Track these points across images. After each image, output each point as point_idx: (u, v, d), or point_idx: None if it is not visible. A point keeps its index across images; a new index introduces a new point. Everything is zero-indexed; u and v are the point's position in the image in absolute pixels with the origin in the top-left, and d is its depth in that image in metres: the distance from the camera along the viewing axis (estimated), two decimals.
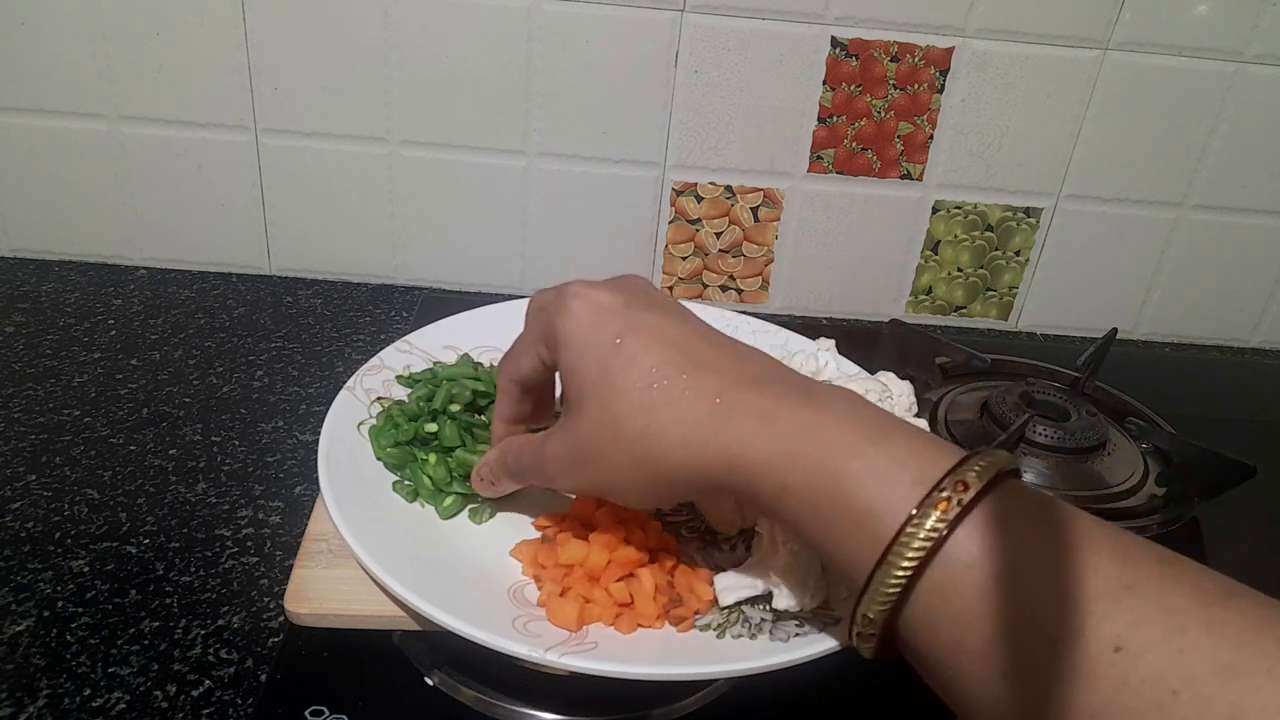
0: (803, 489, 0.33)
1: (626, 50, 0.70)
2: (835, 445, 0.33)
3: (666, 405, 0.36)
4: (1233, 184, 0.77)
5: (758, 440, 0.35)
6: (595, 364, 0.38)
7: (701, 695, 0.42)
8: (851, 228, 0.78)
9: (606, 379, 0.38)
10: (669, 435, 0.36)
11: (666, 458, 0.36)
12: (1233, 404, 0.77)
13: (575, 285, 0.41)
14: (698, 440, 0.35)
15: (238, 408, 0.61)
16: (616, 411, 0.37)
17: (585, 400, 0.38)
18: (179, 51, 0.69)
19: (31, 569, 0.48)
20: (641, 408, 0.37)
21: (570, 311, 0.40)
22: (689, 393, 0.36)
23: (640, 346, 0.38)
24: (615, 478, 0.38)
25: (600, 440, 0.38)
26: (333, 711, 0.41)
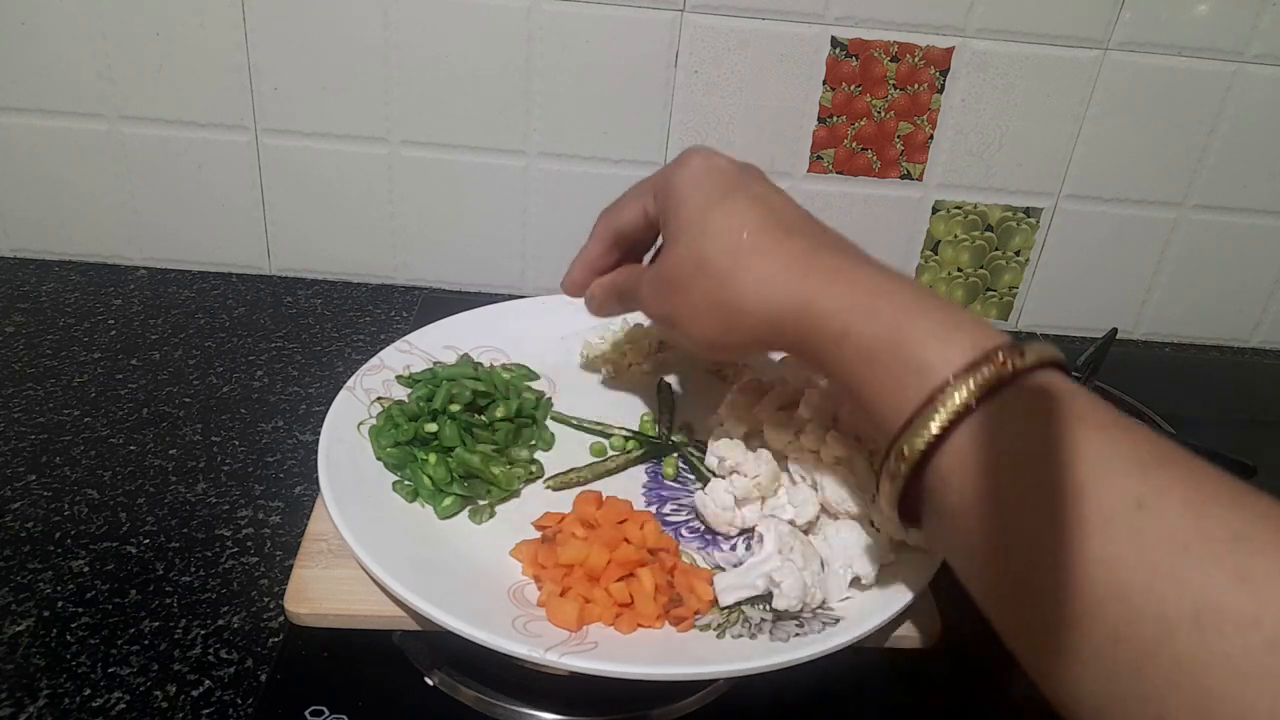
0: (864, 337, 0.36)
1: (626, 50, 0.70)
2: (902, 306, 0.36)
3: (753, 253, 0.40)
4: (1233, 184, 0.77)
5: (831, 289, 0.38)
6: (698, 208, 0.42)
7: (701, 695, 0.42)
8: (851, 228, 0.76)
9: (704, 220, 0.42)
10: (748, 277, 0.39)
11: (741, 298, 0.39)
12: (1233, 404, 0.77)
13: (698, 147, 0.45)
14: (774, 283, 0.39)
15: (238, 408, 0.61)
16: (707, 249, 0.41)
17: (682, 235, 0.42)
18: (179, 51, 0.69)
19: (31, 569, 0.48)
20: (729, 250, 0.40)
21: (688, 164, 0.44)
22: (776, 247, 0.40)
23: (743, 203, 0.42)
24: (690, 310, 0.42)
25: (686, 271, 0.42)
26: (333, 711, 0.41)
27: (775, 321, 0.39)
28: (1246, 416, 0.74)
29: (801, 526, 0.47)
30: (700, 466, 0.53)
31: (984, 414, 0.33)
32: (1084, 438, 0.31)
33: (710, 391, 0.60)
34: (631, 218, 0.48)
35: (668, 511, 0.50)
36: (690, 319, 0.42)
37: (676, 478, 0.53)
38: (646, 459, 0.54)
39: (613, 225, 0.49)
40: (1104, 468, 0.30)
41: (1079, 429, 0.31)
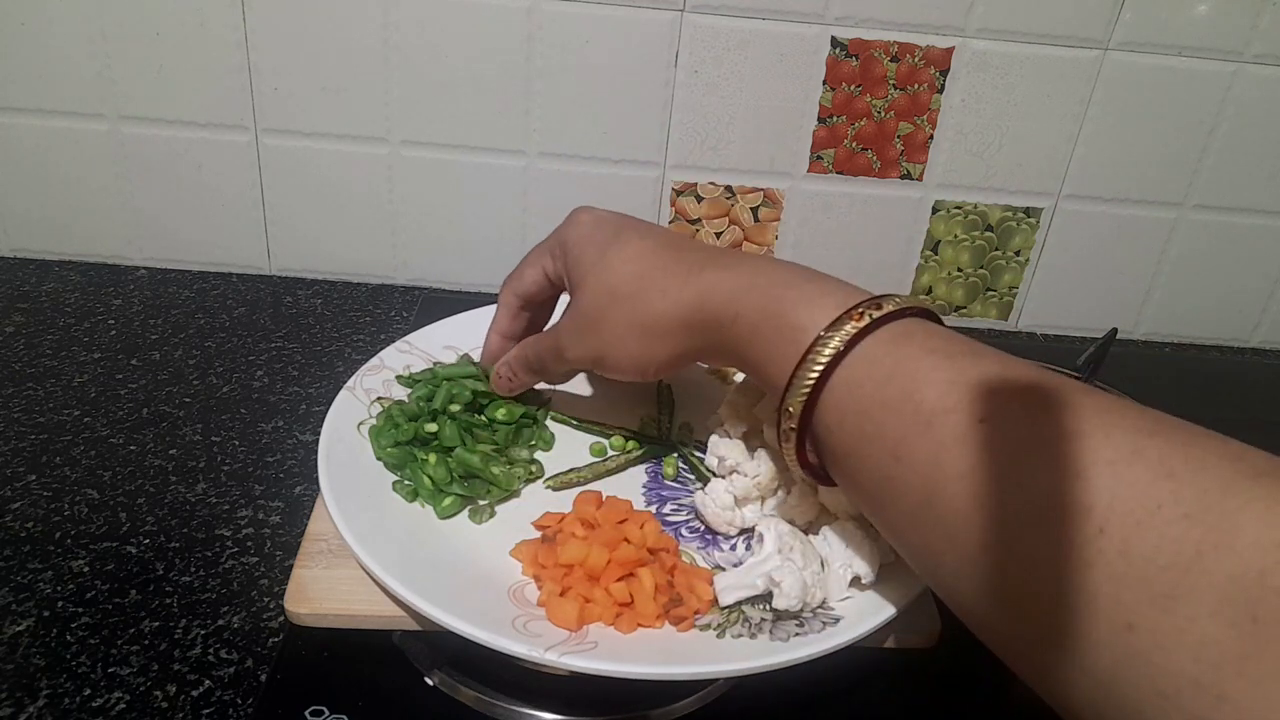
0: (750, 313, 0.41)
1: (626, 50, 0.70)
2: (778, 281, 0.41)
3: (653, 270, 0.44)
4: (1233, 184, 0.77)
5: (720, 282, 0.42)
6: (597, 250, 0.47)
7: (701, 695, 0.42)
8: (851, 228, 0.78)
9: (604, 259, 0.46)
10: (654, 290, 0.44)
11: (652, 309, 0.44)
12: (1233, 404, 0.77)
13: (582, 207, 0.50)
14: (677, 291, 0.43)
15: (238, 408, 0.61)
16: (613, 280, 0.45)
17: (586, 279, 0.46)
18: (179, 51, 0.69)
19: (31, 569, 0.48)
20: (633, 276, 0.45)
21: (577, 220, 0.49)
22: (672, 264, 0.44)
23: (634, 238, 0.46)
24: (612, 338, 0.45)
25: (600, 305, 0.45)
26: (333, 711, 0.41)
27: (685, 323, 0.43)
28: (1246, 416, 0.74)
29: (801, 526, 0.47)
30: (700, 466, 0.53)
31: (849, 363, 0.37)
32: (933, 367, 0.35)
33: (710, 391, 0.60)
34: (533, 278, 0.52)
35: (668, 511, 0.50)
36: (615, 346, 0.45)
37: (676, 478, 0.53)
38: (646, 459, 0.54)
39: (516, 290, 0.53)
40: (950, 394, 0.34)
41: (928, 360, 0.35)
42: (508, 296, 0.53)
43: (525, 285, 0.52)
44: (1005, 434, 0.32)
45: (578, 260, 0.48)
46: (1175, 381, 0.79)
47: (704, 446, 0.53)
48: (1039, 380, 0.34)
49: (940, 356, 0.36)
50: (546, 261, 0.51)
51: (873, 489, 0.37)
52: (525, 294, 0.53)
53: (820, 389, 0.37)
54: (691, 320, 0.43)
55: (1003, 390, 0.34)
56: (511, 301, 0.53)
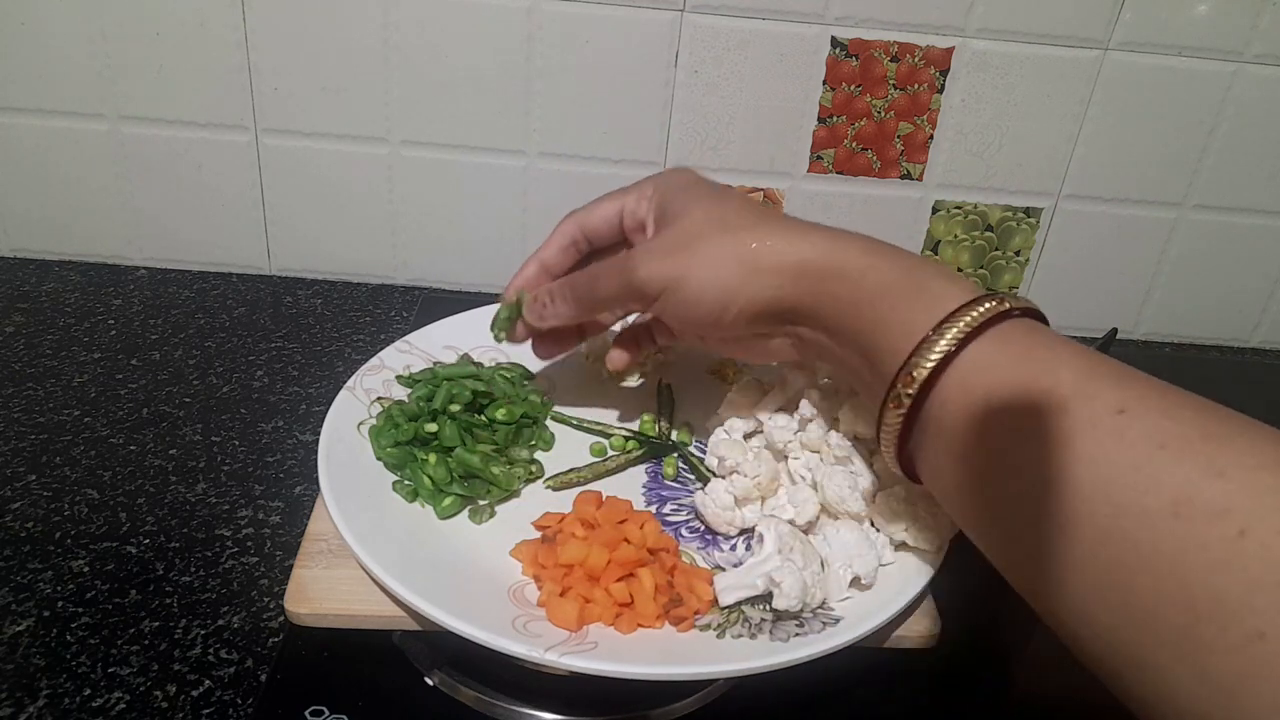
0: (884, 272, 0.40)
1: (626, 50, 0.70)
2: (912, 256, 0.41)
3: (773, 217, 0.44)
4: (1233, 184, 0.77)
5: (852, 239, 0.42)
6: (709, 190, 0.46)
7: (701, 695, 0.42)
8: (851, 228, 0.77)
9: (720, 196, 0.45)
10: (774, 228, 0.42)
11: (766, 242, 0.42)
12: (1233, 404, 0.77)
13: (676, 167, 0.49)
14: (799, 233, 0.42)
15: (238, 408, 0.61)
16: (731, 209, 0.44)
17: (698, 205, 0.44)
18: (179, 51, 0.69)
19: (31, 569, 0.48)
20: (753, 212, 0.44)
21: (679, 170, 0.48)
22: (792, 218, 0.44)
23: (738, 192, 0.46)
24: (707, 259, 0.43)
25: (708, 227, 0.43)
26: (333, 711, 0.41)
27: (800, 265, 0.41)
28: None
29: (801, 526, 0.47)
30: (700, 466, 0.53)
31: (985, 341, 0.36)
32: (1069, 357, 0.35)
33: (710, 391, 0.60)
34: (605, 215, 0.48)
35: (668, 511, 0.50)
36: (706, 269, 0.42)
37: (676, 478, 0.53)
38: (646, 459, 0.54)
39: (582, 221, 0.49)
40: (1088, 382, 0.33)
41: (1064, 351, 0.35)
42: (568, 226, 0.50)
43: (594, 220, 0.49)
44: (1144, 427, 0.31)
45: (682, 195, 0.45)
46: (1175, 381, 0.79)
47: (704, 446, 0.53)
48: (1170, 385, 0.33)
49: (1075, 348, 0.35)
50: (629, 200, 0.48)
51: (984, 466, 0.35)
52: (591, 229, 0.49)
53: (952, 358, 0.36)
54: (811, 264, 0.41)
55: (1140, 386, 0.33)
56: (570, 232, 0.49)
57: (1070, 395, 0.33)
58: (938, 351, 0.36)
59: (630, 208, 0.47)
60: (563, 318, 0.49)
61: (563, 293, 0.48)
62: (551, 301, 0.48)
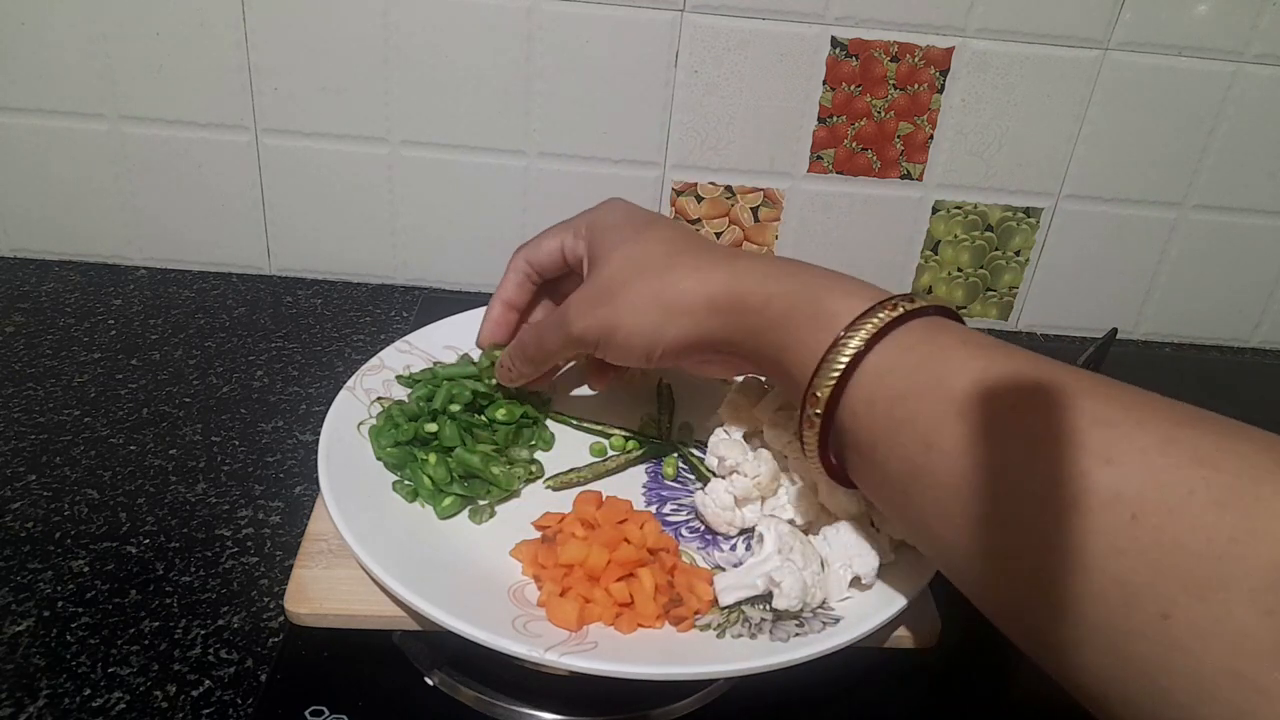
0: (782, 298, 0.41)
1: (626, 50, 0.70)
2: (813, 274, 0.42)
3: (685, 252, 0.45)
4: (1233, 184, 0.77)
5: (753, 269, 0.43)
6: (631, 228, 0.47)
7: (701, 695, 0.42)
8: (851, 228, 0.78)
9: (638, 235, 0.47)
10: (685, 267, 0.44)
11: (679, 283, 0.44)
12: (1233, 404, 0.76)
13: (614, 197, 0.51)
14: (709, 271, 0.43)
15: (238, 408, 0.61)
16: (643, 254, 0.45)
17: (613, 254, 0.46)
18: (179, 51, 0.69)
19: (31, 569, 0.48)
20: (665, 253, 0.45)
21: (611, 205, 0.50)
22: (705, 250, 0.45)
23: (668, 225, 0.48)
24: (629, 307, 0.45)
25: (624, 275, 0.45)
26: (333, 711, 0.41)
27: (711, 302, 0.43)
28: (1246, 416, 0.74)
29: (801, 526, 0.47)
30: (700, 466, 0.53)
31: (881, 349, 0.37)
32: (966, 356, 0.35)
33: (710, 391, 0.60)
34: (550, 249, 0.51)
35: (668, 511, 0.50)
36: (629, 317, 0.45)
37: (676, 478, 0.53)
38: (646, 459, 0.54)
39: (530, 258, 0.52)
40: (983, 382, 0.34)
41: (960, 350, 0.36)
42: (519, 263, 0.53)
43: (540, 255, 0.52)
44: (1037, 421, 0.32)
45: (606, 237, 0.47)
46: (1175, 381, 0.79)
47: (704, 446, 0.53)
48: (1071, 372, 0.34)
49: (973, 347, 0.36)
50: (568, 238, 0.50)
51: (900, 479, 0.36)
52: (539, 263, 0.52)
53: (851, 373, 0.37)
54: (718, 300, 0.43)
55: (1035, 380, 0.34)
56: (522, 268, 0.53)
57: (966, 398, 0.34)
58: (836, 368, 0.37)
59: (569, 244, 0.50)
60: (528, 375, 0.52)
61: (518, 355, 0.51)
62: (512, 365, 0.52)
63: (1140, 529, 0.28)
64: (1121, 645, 0.28)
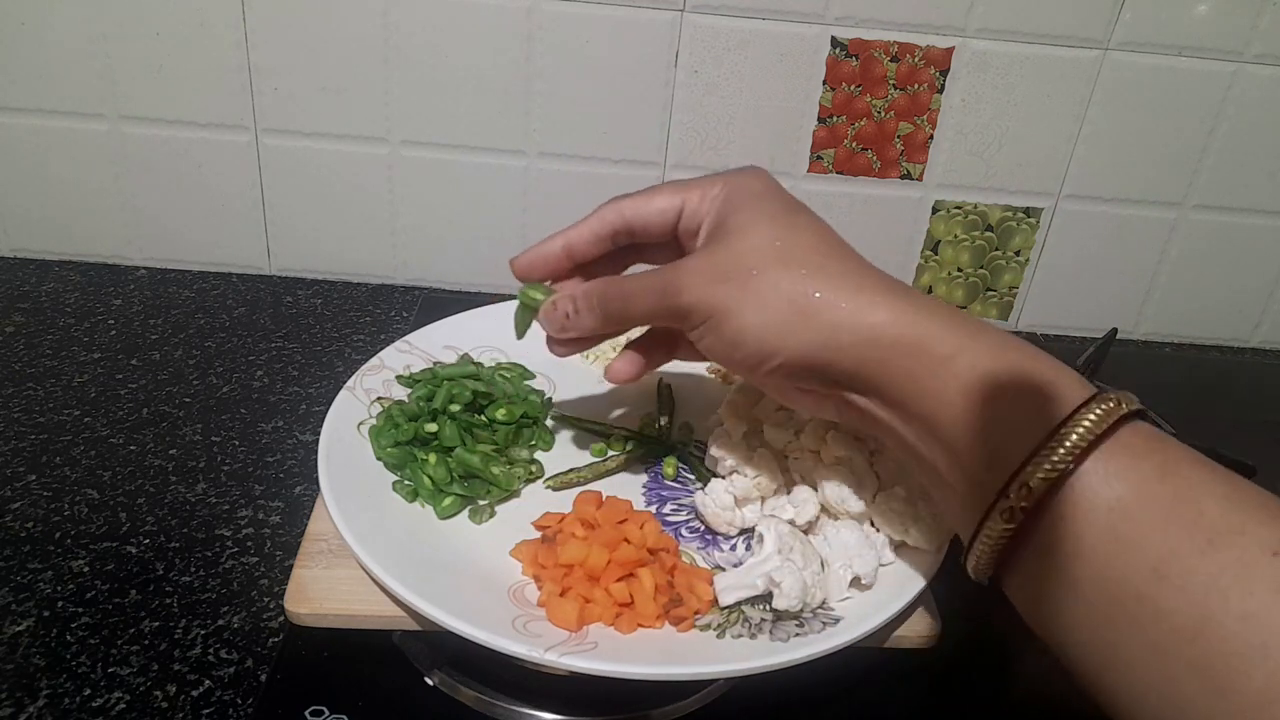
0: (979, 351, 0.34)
1: (626, 50, 0.70)
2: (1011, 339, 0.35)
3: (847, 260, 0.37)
4: (1233, 184, 0.77)
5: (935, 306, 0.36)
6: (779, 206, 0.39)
7: (701, 695, 0.42)
8: (851, 228, 0.77)
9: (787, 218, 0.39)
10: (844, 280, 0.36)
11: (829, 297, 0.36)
12: (1233, 404, 0.77)
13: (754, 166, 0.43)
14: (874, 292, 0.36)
15: (238, 408, 0.61)
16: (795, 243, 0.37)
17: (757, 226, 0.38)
18: (179, 51, 0.69)
19: (31, 569, 0.48)
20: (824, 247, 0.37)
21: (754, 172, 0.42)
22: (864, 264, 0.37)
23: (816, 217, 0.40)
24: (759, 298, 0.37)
25: (767, 258, 0.37)
26: (333, 711, 0.41)
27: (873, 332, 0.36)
28: (1246, 416, 0.74)
29: (801, 526, 0.47)
30: (700, 466, 0.53)
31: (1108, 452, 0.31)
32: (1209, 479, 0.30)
33: (710, 391, 0.60)
34: (662, 206, 0.42)
35: (668, 511, 0.50)
36: (755, 309, 0.37)
37: (676, 478, 0.53)
38: (646, 459, 0.54)
39: (627, 210, 0.43)
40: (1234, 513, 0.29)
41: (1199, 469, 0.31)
42: (609, 212, 0.43)
43: (645, 210, 0.42)
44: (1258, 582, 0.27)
45: (746, 207, 0.39)
46: (1175, 381, 0.79)
47: (704, 446, 0.53)
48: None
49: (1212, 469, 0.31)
50: (692, 197, 0.41)
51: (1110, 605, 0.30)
52: (638, 219, 0.42)
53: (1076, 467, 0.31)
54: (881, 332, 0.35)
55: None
56: (611, 219, 0.43)
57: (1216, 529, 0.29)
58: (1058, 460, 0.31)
59: (692, 206, 0.41)
60: (586, 330, 0.44)
61: (589, 305, 0.42)
62: (575, 313, 0.43)
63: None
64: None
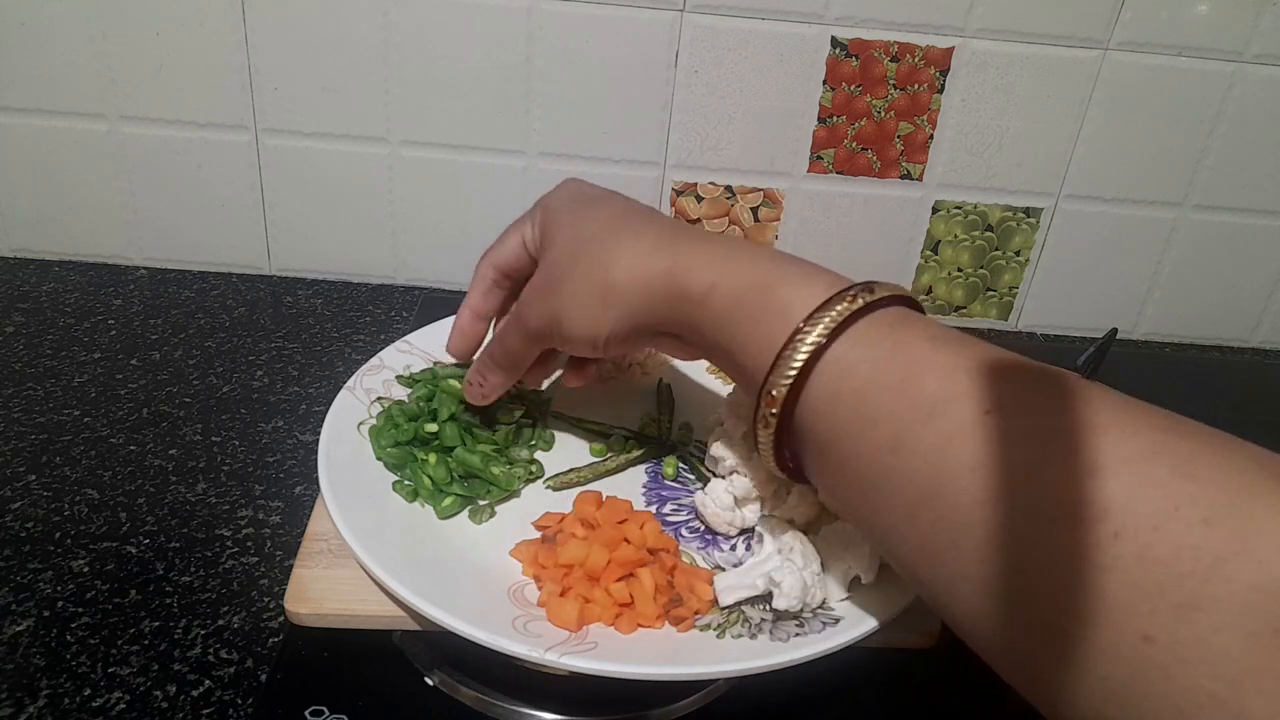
0: (729, 287, 0.38)
1: (626, 50, 0.70)
2: (762, 259, 0.39)
3: (624, 231, 0.42)
4: (1233, 184, 0.77)
5: (696, 253, 0.40)
6: (571, 211, 0.45)
7: (701, 695, 0.42)
8: (851, 228, 0.78)
9: (577, 217, 0.45)
10: (623, 252, 0.41)
11: (617, 271, 0.41)
12: (1233, 404, 0.77)
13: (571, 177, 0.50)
14: (646, 255, 0.41)
15: (238, 408, 0.61)
16: (580, 236, 0.43)
17: (559, 235, 0.45)
18: (179, 51, 0.69)
19: (31, 569, 0.48)
20: (601, 233, 0.43)
21: (563, 186, 0.49)
22: (645, 228, 0.43)
23: (609, 202, 0.46)
24: (571, 298, 0.43)
25: (565, 263, 0.43)
26: (333, 711, 0.41)
27: (648, 288, 0.41)
28: (1246, 416, 0.74)
29: (801, 526, 0.47)
30: (700, 466, 0.53)
31: (842, 343, 0.35)
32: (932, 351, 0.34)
33: (710, 391, 0.60)
34: (512, 246, 0.49)
35: (668, 511, 0.50)
36: (571, 306, 0.43)
37: (676, 478, 0.53)
38: (646, 459, 0.54)
39: (494, 260, 0.50)
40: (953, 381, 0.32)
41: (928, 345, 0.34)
42: (484, 268, 0.50)
43: (504, 255, 0.49)
44: (1016, 426, 0.30)
45: (553, 218, 0.46)
46: (1175, 381, 0.79)
47: (704, 446, 0.53)
48: (1047, 371, 0.32)
49: (940, 342, 0.34)
50: (526, 230, 0.48)
51: (863, 482, 0.34)
52: (503, 264, 0.50)
53: (810, 370, 0.35)
54: (655, 287, 0.40)
55: (1010, 379, 0.32)
56: (487, 274, 0.50)
57: (936, 398, 0.32)
58: (794, 364, 0.35)
59: (529, 237, 0.48)
60: (502, 387, 0.49)
61: (486, 367, 0.49)
62: (484, 379, 0.49)
63: (1124, 546, 0.27)
64: (1100, 668, 0.27)
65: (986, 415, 0.31)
